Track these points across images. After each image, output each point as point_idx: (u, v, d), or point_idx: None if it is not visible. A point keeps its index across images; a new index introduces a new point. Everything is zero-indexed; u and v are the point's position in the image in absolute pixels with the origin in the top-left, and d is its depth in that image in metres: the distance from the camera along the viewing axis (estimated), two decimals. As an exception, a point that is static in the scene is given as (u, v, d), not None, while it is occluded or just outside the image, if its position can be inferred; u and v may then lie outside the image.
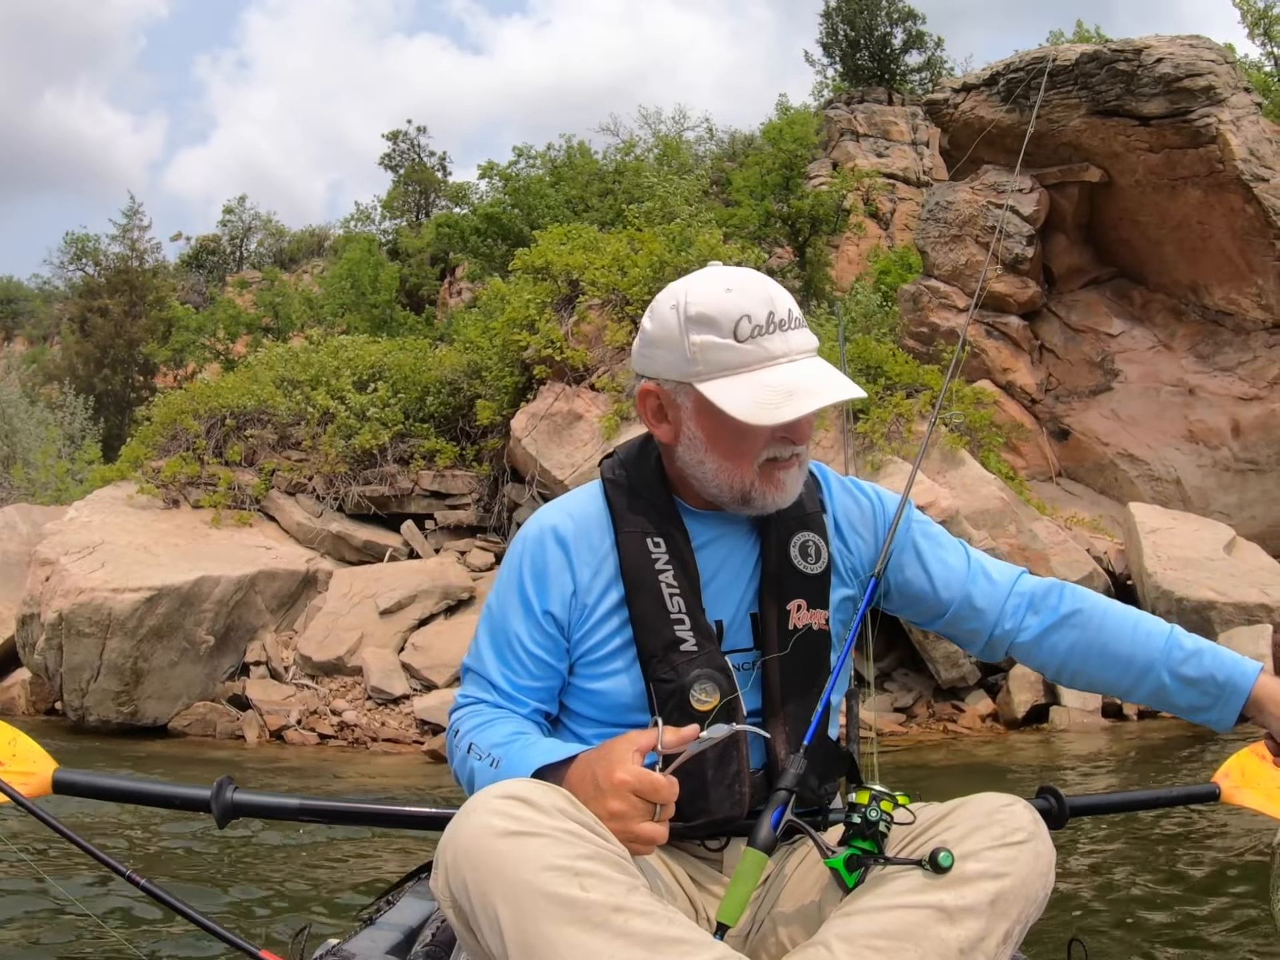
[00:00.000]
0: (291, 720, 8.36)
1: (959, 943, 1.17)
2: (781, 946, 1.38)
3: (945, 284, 13.50)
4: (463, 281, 25.72)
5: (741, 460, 1.45)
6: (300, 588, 9.99)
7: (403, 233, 26.07)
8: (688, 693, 1.44)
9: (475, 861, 1.14)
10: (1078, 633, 1.58)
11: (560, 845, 1.13)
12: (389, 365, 12.44)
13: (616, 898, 1.11)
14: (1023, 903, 1.22)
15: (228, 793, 1.53)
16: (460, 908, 1.17)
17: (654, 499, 1.54)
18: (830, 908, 1.31)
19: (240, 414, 11.42)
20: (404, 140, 28.92)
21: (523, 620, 1.52)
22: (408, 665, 9.10)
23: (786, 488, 1.48)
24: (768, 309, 1.41)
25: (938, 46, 21.61)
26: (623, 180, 21.96)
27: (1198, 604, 8.29)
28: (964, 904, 1.19)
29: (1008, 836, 1.25)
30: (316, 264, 28.23)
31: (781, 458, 1.46)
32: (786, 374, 1.39)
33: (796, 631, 1.51)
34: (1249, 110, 11.02)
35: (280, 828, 4.61)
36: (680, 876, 1.46)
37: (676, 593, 1.48)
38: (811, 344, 1.44)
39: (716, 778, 1.44)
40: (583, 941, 1.08)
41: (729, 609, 1.52)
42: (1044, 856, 1.26)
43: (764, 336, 1.40)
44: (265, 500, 10.93)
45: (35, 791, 1.53)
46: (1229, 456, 11.18)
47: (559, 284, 10.46)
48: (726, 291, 1.42)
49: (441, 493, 11.73)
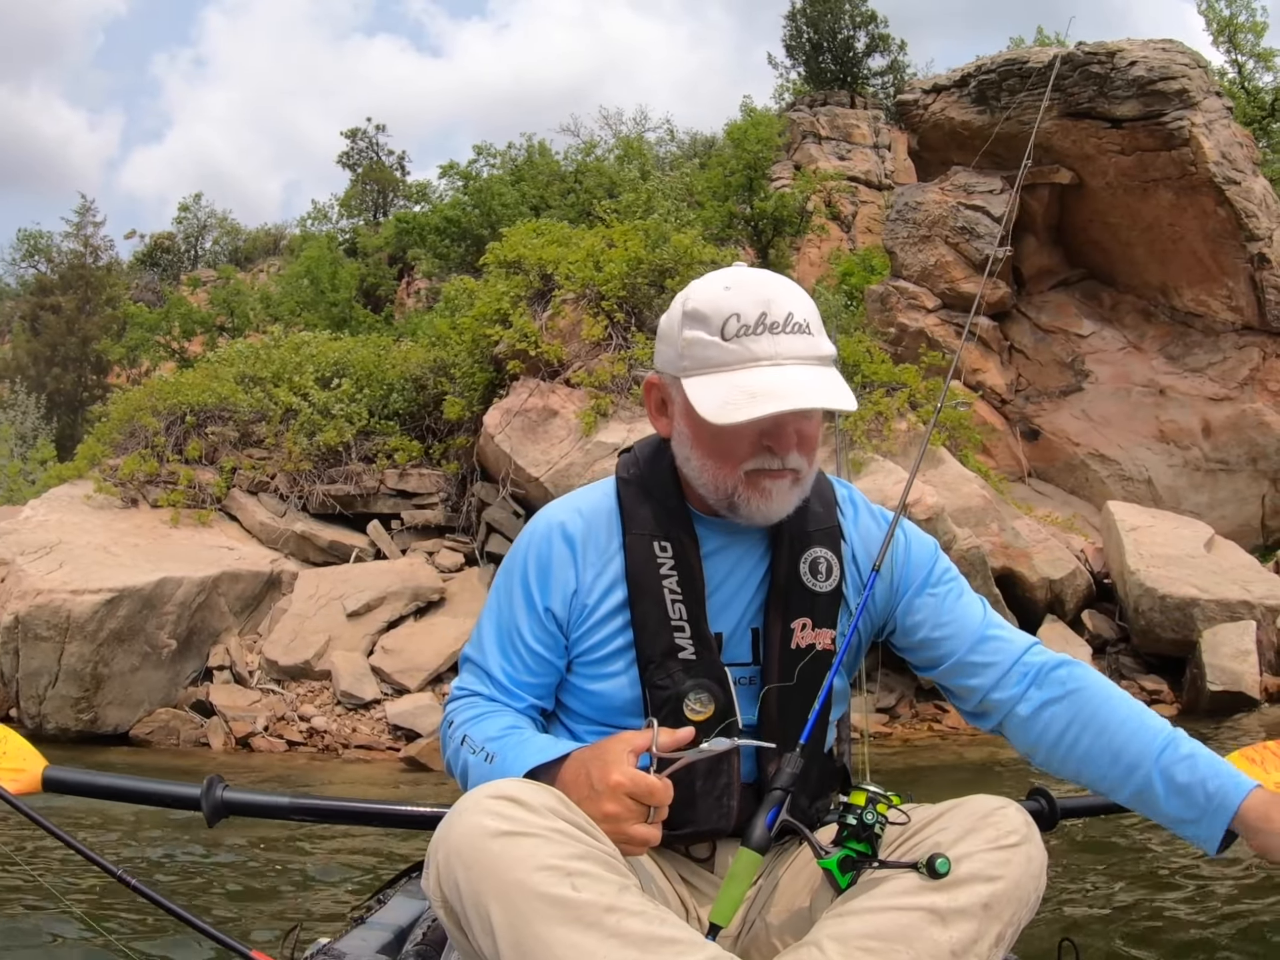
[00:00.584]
0: (258, 727, 7.95)
1: (951, 944, 1.16)
2: (773, 947, 1.36)
3: (914, 284, 13.40)
4: (421, 281, 25.32)
5: (724, 462, 1.41)
6: (264, 589, 9.56)
7: (360, 231, 25.57)
8: (682, 701, 1.42)
9: (467, 861, 1.13)
10: (1075, 711, 1.48)
11: (552, 845, 1.12)
12: (352, 362, 12.04)
13: (609, 898, 1.10)
14: (1015, 905, 1.21)
15: (217, 791, 1.51)
16: (452, 907, 1.16)
17: (666, 501, 1.50)
18: (822, 909, 1.30)
19: (200, 411, 10.96)
20: (363, 138, 28.48)
21: (525, 615, 1.50)
22: (378, 669, 8.72)
23: (774, 499, 1.41)
24: (760, 310, 1.36)
25: (900, 50, 21.62)
26: (584, 180, 21.71)
27: (1180, 601, 8.20)
28: (957, 906, 1.18)
29: (1001, 839, 1.23)
30: (272, 263, 27.61)
31: (769, 468, 1.40)
32: (763, 377, 1.33)
33: (799, 651, 1.47)
34: (1220, 114, 11.02)
35: (271, 826, 4.50)
36: (672, 876, 1.44)
37: (679, 599, 1.45)
38: (811, 351, 1.37)
39: (705, 789, 1.42)
40: (575, 941, 1.07)
41: (730, 621, 1.49)
42: (1036, 859, 1.25)
43: (749, 337, 1.35)
44: (226, 499, 10.48)
45: (25, 789, 1.51)
46: (1200, 456, 11.16)
47: (531, 278, 10.14)
48: (725, 290, 1.39)
49: (408, 492, 11.35)
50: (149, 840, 4.48)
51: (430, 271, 22.72)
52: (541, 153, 22.88)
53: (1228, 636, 7.87)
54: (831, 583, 1.51)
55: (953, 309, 13.02)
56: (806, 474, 1.45)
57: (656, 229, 9.87)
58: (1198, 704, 7.88)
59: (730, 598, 1.49)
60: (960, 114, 13.03)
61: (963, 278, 12.97)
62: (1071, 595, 8.86)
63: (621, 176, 20.76)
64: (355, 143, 28.27)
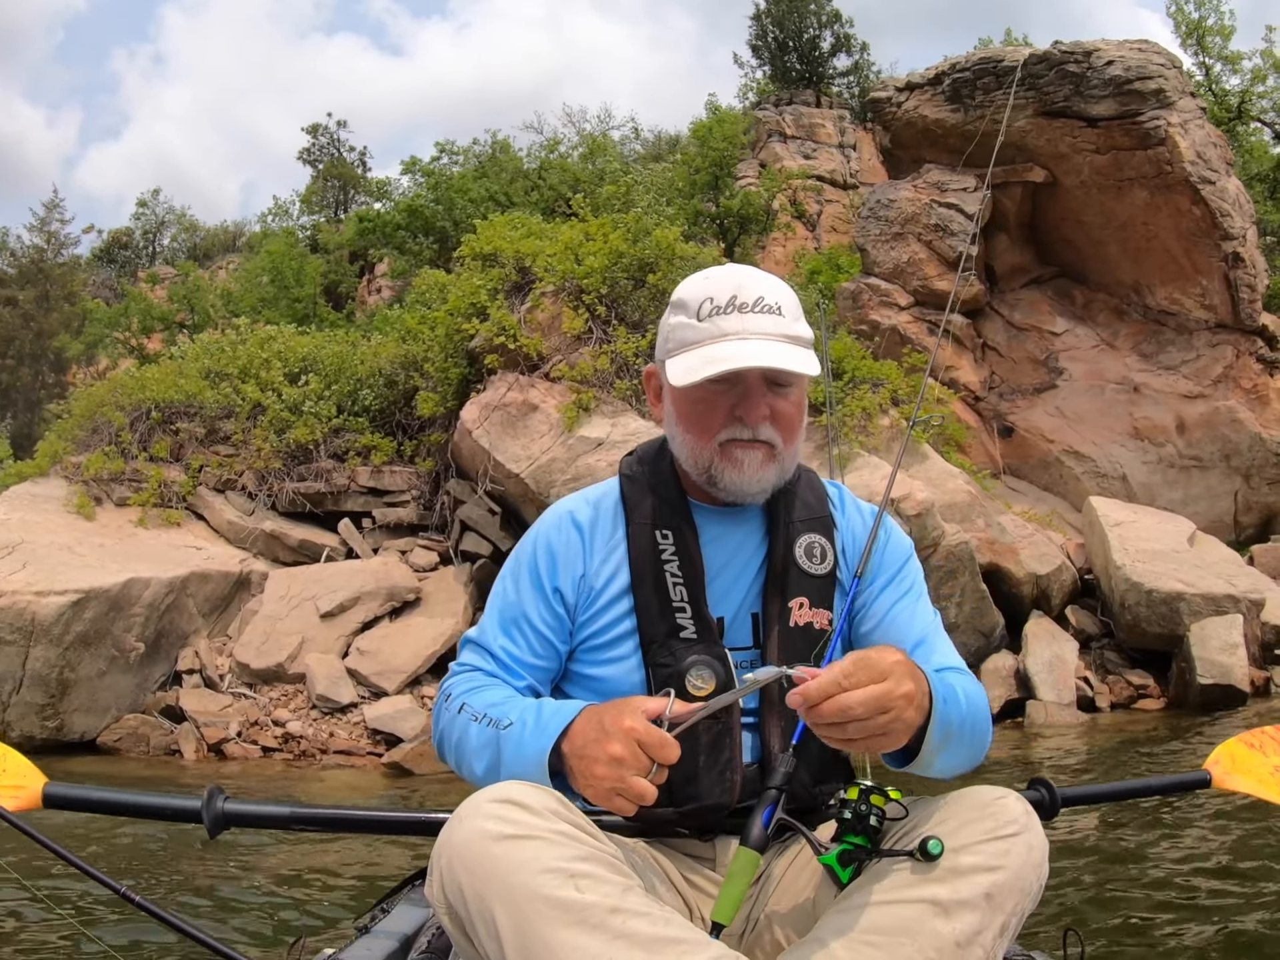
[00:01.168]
0: (231, 733, 7.58)
1: (955, 936, 1.15)
2: (777, 944, 1.35)
3: (886, 282, 13.26)
4: (383, 279, 24.83)
5: (701, 434, 1.46)
6: (234, 590, 9.19)
7: (321, 228, 25.02)
8: (684, 678, 1.44)
9: (470, 866, 1.12)
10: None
11: (555, 847, 1.11)
12: (320, 358, 11.68)
13: (613, 899, 1.10)
14: (1017, 895, 1.20)
15: (218, 802, 1.48)
16: (456, 913, 1.15)
17: (666, 493, 1.55)
18: (825, 904, 1.29)
19: (166, 407, 10.54)
20: (324, 134, 27.86)
21: (533, 596, 1.52)
22: (354, 671, 8.39)
23: (746, 470, 1.45)
24: (732, 293, 1.43)
25: (864, 51, 21.52)
26: (548, 177, 21.41)
27: (1167, 595, 8.13)
28: (959, 898, 1.16)
29: (1000, 829, 1.22)
30: (231, 260, 26.93)
31: (740, 438, 1.44)
32: (728, 348, 1.40)
33: (797, 629, 1.50)
34: (1195, 114, 11.01)
35: (273, 837, 4.46)
36: (673, 876, 1.43)
37: (680, 582, 1.48)
38: (779, 329, 1.42)
39: (708, 764, 1.43)
40: (581, 943, 1.06)
41: (731, 606, 1.51)
42: (1037, 848, 1.23)
43: (720, 316, 1.42)
44: (193, 498, 10.07)
45: (25, 805, 1.49)
46: (1174, 453, 11.13)
47: (508, 271, 9.84)
48: (704, 279, 1.48)
49: (379, 489, 11.01)
50: (151, 854, 4.38)
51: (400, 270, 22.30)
52: (505, 149, 22.53)
53: (1216, 630, 7.80)
54: (826, 566, 1.54)
55: (925, 306, 12.90)
56: (783, 451, 1.48)
57: (637, 222, 9.62)
58: (1186, 697, 7.81)
59: (730, 583, 1.52)
60: (933, 112, 12.92)
61: (936, 275, 12.86)
62: (1058, 591, 8.76)
63: (587, 173, 20.49)
64: (316, 139, 27.70)
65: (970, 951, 1.15)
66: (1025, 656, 8.22)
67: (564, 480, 8.30)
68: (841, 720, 1.15)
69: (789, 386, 1.46)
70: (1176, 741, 6.96)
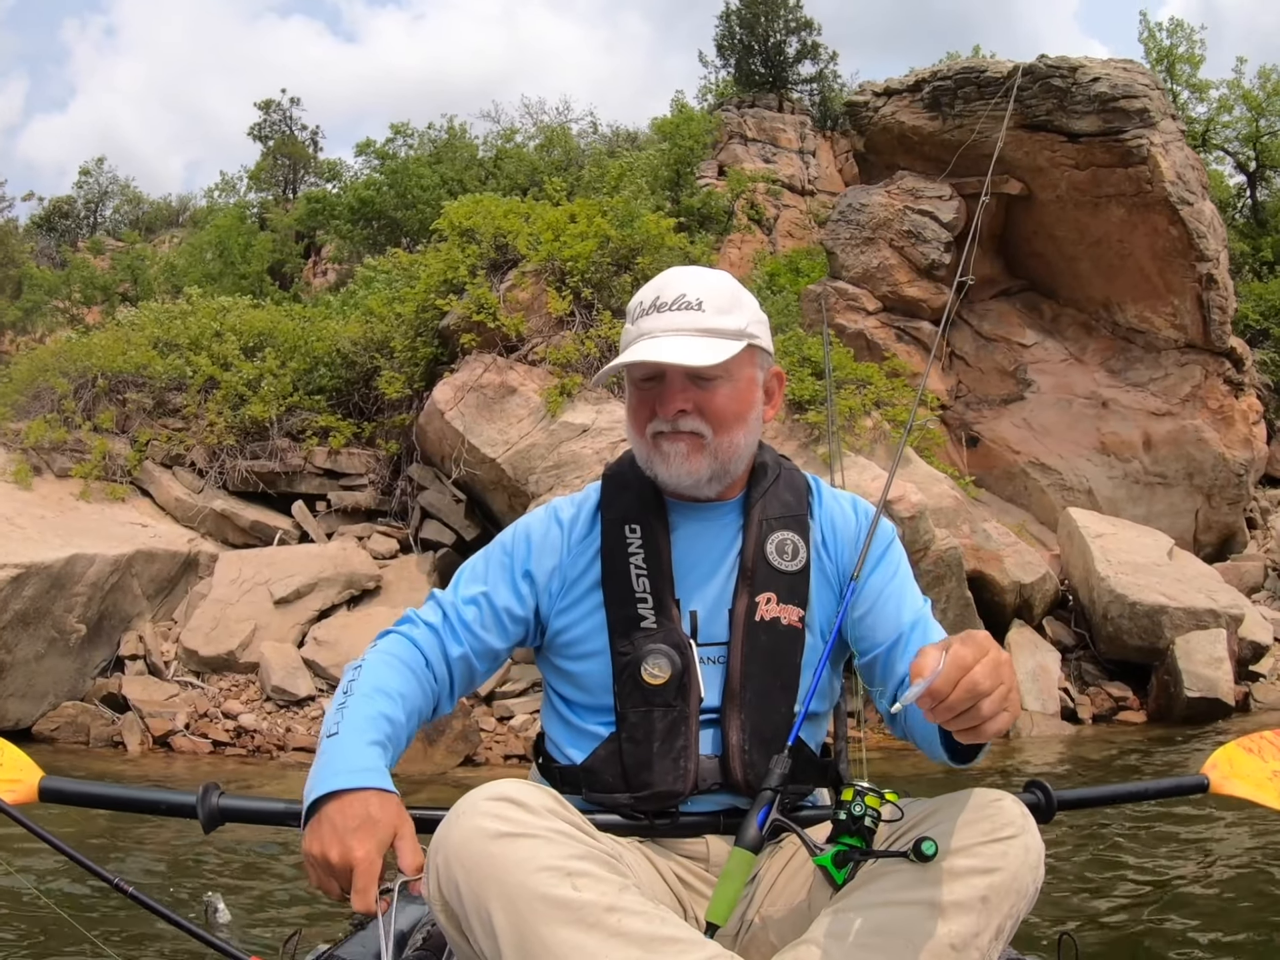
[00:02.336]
0: (179, 725, 6.90)
1: (950, 938, 1.13)
2: (771, 945, 1.32)
3: (854, 286, 12.93)
4: (329, 263, 23.90)
5: (637, 429, 1.50)
6: (181, 571, 8.47)
7: (268, 205, 23.97)
8: (639, 665, 1.44)
9: (467, 864, 1.09)
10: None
11: (552, 846, 1.10)
12: (276, 334, 10.94)
13: (610, 897, 1.08)
14: (1014, 897, 1.17)
15: (213, 798, 1.41)
16: (452, 910, 1.13)
17: (641, 490, 1.55)
18: (820, 905, 1.26)
19: (113, 376, 9.72)
20: (276, 111, 26.74)
21: (500, 572, 1.53)
22: (311, 662, 7.75)
23: (672, 461, 1.46)
24: (655, 294, 1.47)
25: (833, 59, 21.27)
26: (504, 166, 20.78)
27: (1150, 608, 7.93)
28: (955, 899, 1.14)
29: (997, 831, 1.19)
30: (175, 234, 25.65)
31: (663, 431, 1.46)
32: (638, 348, 1.43)
33: (763, 623, 1.48)
34: (1175, 136, 10.88)
35: (268, 832, 4.25)
36: (668, 876, 1.41)
37: (644, 574, 1.48)
38: (693, 324, 1.43)
39: (662, 750, 1.42)
40: (578, 942, 1.04)
41: (706, 601, 1.50)
42: (1034, 851, 1.20)
43: (644, 317, 1.46)
44: (139, 472, 9.28)
45: (22, 799, 1.48)
46: (1139, 469, 10.99)
47: (485, 248, 9.26)
48: (649, 284, 1.51)
49: (336, 472, 10.34)
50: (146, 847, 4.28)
51: (338, 257, 21.45)
52: (461, 134, 21.81)
53: (1200, 644, 7.62)
54: (798, 563, 1.52)
55: (894, 312, 12.62)
56: (714, 442, 1.46)
57: (624, 207, 9.12)
58: (1170, 710, 7.59)
59: (704, 579, 1.50)
60: (911, 118, 12.64)
61: (906, 281, 12.58)
62: (1040, 600, 8.49)
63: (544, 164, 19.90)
64: (269, 115, 26.60)
65: (966, 954, 1.13)
66: (1009, 667, 7.92)
67: (545, 467, 7.77)
68: (973, 700, 1.07)
69: (713, 379, 1.44)
70: (1169, 753, 6.80)
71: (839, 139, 22.10)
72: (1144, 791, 1.88)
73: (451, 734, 6.62)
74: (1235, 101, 13.70)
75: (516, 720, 7.36)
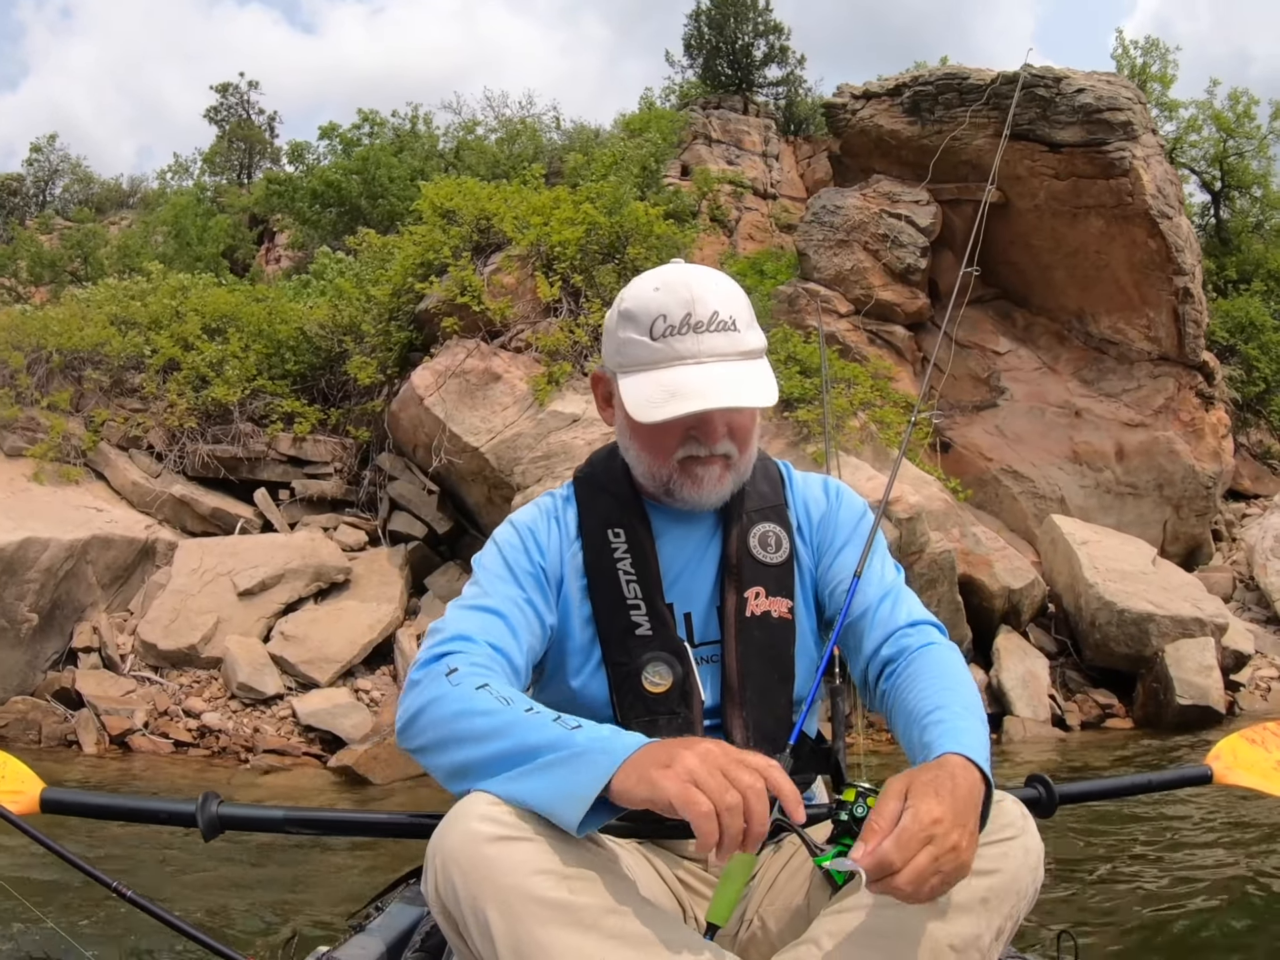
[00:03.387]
0: (137, 723, 6.31)
1: (950, 940, 1.09)
2: (771, 946, 1.27)
3: (826, 288, 12.66)
4: (283, 249, 23.03)
5: (657, 453, 1.42)
6: (138, 559, 7.86)
7: (222, 189, 23.03)
8: (640, 676, 1.39)
9: (464, 867, 1.05)
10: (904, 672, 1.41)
11: (548, 849, 1.05)
12: (241, 315, 10.32)
13: (606, 900, 1.04)
14: (1013, 899, 1.13)
15: (213, 806, 1.39)
16: (450, 913, 1.08)
17: (619, 493, 1.50)
18: (820, 906, 1.22)
19: (69, 352, 9.02)
20: (234, 94, 25.75)
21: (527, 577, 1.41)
22: (279, 658, 7.20)
23: (704, 485, 1.42)
24: (685, 310, 1.36)
25: (800, 64, 20.99)
26: (465, 158, 20.20)
27: (1138, 616, 7.75)
28: (955, 901, 1.09)
29: (997, 832, 1.13)
30: (125, 216, 24.52)
31: (699, 456, 1.41)
32: (685, 375, 1.34)
33: (754, 618, 1.44)
34: (1156, 150, 10.78)
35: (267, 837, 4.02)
36: (667, 877, 1.39)
37: (633, 579, 1.43)
38: (735, 347, 1.37)
39: (667, 732, 1.36)
40: (575, 944, 1.01)
41: (698, 602, 1.46)
42: (1033, 851, 1.16)
43: (675, 337, 1.36)
44: (94, 454, 8.61)
45: (24, 810, 1.46)
46: (1111, 479, 10.86)
47: (466, 230, 8.77)
48: (654, 290, 1.39)
49: (300, 459, 9.76)
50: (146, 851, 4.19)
51: (297, 241, 20.65)
52: (426, 123, 21.18)
53: (1190, 652, 7.45)
54: (782, 555, 1.49)
55: (867, 316, 12.39)
56: (739, 460, 1.44)
57: (613, 193, 8.69)
58: (1160, 718, 7.40)
59: (692, 580, 1.46)
60: (890, 122, 12.41)
61: (880, 285, 12.34)
62: (1029, 606, 8.25)
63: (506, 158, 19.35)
64: (226, 97, 25.60)
65: (966, 956, 1.10)
66: (999, 671, 7.68)
67: (532, 458, 7.31)
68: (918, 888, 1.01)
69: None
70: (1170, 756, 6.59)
71: (801, 144, 21.87)
72: (1147, 784, 1.80)
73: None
74: (1205, 122, 13.78)
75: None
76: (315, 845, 4.25)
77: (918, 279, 12.15)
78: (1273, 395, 12.56)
